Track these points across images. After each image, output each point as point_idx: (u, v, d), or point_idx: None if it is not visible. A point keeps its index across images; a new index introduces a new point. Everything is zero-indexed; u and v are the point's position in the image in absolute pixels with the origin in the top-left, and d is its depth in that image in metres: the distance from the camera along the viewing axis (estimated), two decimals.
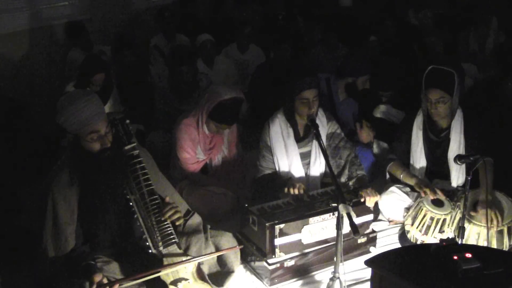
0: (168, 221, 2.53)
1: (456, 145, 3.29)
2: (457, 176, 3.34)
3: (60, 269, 2.46)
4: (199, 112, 3.49)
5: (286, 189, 3.09)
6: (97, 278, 2.33)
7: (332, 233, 2.93)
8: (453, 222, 3.06)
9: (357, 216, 2.99)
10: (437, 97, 3.16)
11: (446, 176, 3.38)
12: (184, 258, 2.50)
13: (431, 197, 3.15)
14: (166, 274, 2.44)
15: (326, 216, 2.91)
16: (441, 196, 3.14)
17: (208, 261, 2.75)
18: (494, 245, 2.91)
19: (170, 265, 2.44)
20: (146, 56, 5.78)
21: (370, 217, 3.13)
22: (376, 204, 3.25)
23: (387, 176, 3.56)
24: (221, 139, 3.62)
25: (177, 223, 2.62)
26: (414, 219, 3.17)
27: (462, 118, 3.30)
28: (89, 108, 2.42)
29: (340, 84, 4.27)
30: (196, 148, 3.55)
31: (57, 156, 2.65)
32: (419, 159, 3.42)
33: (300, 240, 2.88)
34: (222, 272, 2.83)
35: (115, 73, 4.84)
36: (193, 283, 2.48)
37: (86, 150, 2.50)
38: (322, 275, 2.96)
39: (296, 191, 3.06)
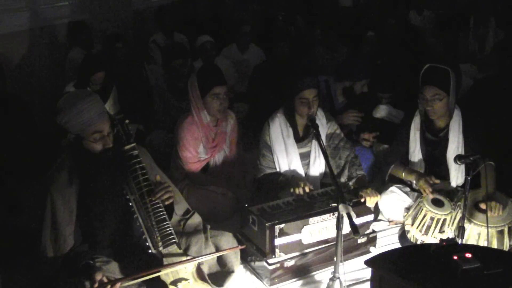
0: (160, 202, 2.52)
1: (454, 145, 3.29)
2: (456, 176, 3.34)
3: (59, 269, 2.46)
4: (193, 104, 3.49)
5: (292, 189, 3.09)
6: (98, 276, 2.33)
7: (332, 233, 2.93)
8: (453, 222, 3.06)
9: (358, 216, 2.99)
10: (432, 94, 3.17)
11: (445, 176, 3.38)
12: (184, 258, 2.50)
13: (426, 192, 3.15)
14: (166, 274, 2.44)
15: (326, 216, 2.91)
16: (436, 181, 3.15)
17: (208, 261, 2.75)
18: (494, 245, 2.91)
19: (170, 264, 2.44)
20: (142, 53, 5.79)
21: (370, 217, 3.12)
22: (376, 204, 3.24)
23: (386, 178, 3.54)
24: (223, 138, 3.62)
25: (167, 203, 2.60)
26: (414, 219, 3.17)
27: (460, 117, 3.31)
28: (92, 109, 2.44)
29: (338, 87, 4.27)
30: (199, 147, 3.55)
31: (57, 156, 2.64)
32: (417, 160, 3.42)
33: (300, 240, 2.88)
34: (222, 272, 2.83)
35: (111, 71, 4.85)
36: (193, 283, 2.48)
37: (87, 150, 2.50)
38: (322, 275, 2.96)
39: (302, 191, 3.06)
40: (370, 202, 3.06)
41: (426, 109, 3.23)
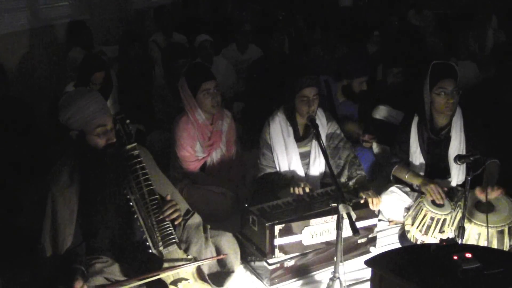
0: (168, 220, 2.53)
1: (457, 142, 3.30)
2: (457, 174, 3.34)
3: (57, 269, 2.46)
4: (186, 104, 3.51)
5: (291, 189, 3.08)
6: (77, 285, 2.29)
7: (334, 236, 2.91)
8: (453, 222, 3.06)
9: (362, 219, 2.99)
10: (453, 87, 3.17)
11: (446, 175, 3.38)
12: (184, 257, 2.50)
13: (433, 197, 3.14)
14: (166, 274, 2.44)
15: (328, 218, 2.90)
16: (442, 200, 3.13)
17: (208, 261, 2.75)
18: (494, 245, 2.91)
19: (170, 268, 2.44)
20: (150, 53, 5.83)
21: (375, 220, 3.10)
22: None
23: (391, 178, 3.54)
24: (219, 136, 3.63)
25: (176, 222, 2.62)
26: (414, 219, 3.17)
27: (461, 115, 3.32)
28: (93, 103, 2.46)
29: (338, 86, 4.27)
30: (195, 146, 3.56)
31: (58, 156, 2.65)
32: (418, 159, 3.42)
33: (301, 241, 2.88)
34: (222, 272, 2.83)
35: (120, 68, 4.85)
36: (193, 283, 2.48)
37: (91, 146, 2.50)
38: (322, 275, 2.96)
39: (301, 191, 3.05)
40: (375, 205, 3.04)
41: (447, 103, 3.18)
